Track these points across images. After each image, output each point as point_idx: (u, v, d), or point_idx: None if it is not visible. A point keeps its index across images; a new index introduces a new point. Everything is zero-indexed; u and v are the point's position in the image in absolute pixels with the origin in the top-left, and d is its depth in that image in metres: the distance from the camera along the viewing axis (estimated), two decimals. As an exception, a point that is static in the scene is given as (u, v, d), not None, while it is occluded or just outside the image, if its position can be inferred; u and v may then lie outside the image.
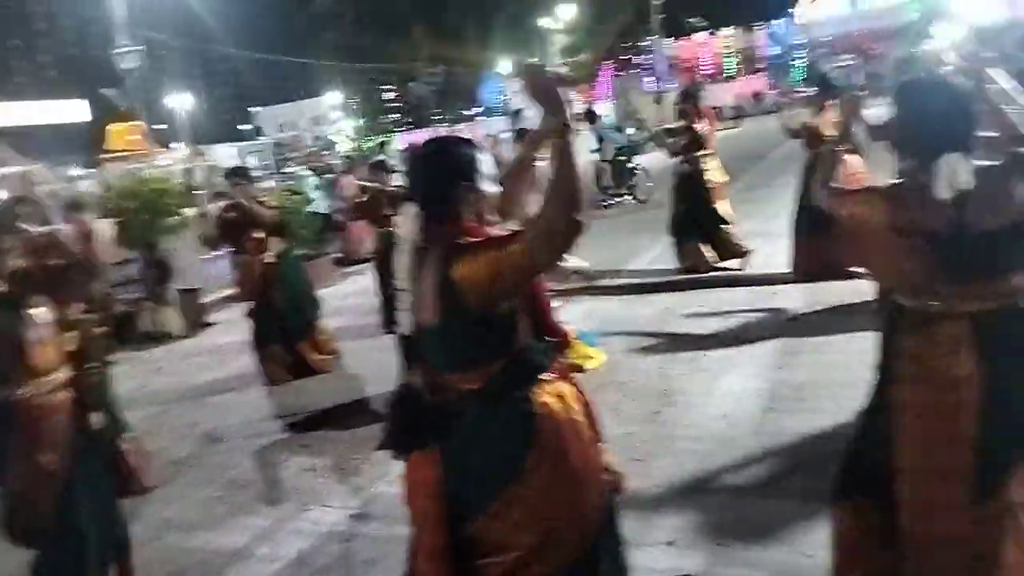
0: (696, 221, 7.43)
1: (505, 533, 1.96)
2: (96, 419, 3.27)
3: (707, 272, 7.38)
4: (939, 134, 2.08)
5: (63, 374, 3.09)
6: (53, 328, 3.07)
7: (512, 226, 1.96)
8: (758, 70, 41.27)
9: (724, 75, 41.80)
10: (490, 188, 2.02)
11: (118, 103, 13.05)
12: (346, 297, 9.17)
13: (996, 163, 2.08)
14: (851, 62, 36.01)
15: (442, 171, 1.99)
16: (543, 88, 1.78)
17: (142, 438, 4.93)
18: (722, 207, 7.44)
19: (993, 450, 2.10)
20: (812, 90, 7.09)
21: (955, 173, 2.02)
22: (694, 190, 7.40)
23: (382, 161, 8.38)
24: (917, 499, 2.19)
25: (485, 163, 2.01)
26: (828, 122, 6.22)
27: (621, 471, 2.22)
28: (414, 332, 2.01)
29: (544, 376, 2.01)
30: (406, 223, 2.02)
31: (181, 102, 27.31)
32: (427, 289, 1.93)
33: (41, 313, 3.03)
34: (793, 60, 41.02)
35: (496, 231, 1.96)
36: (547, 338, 2.08)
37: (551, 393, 2.00)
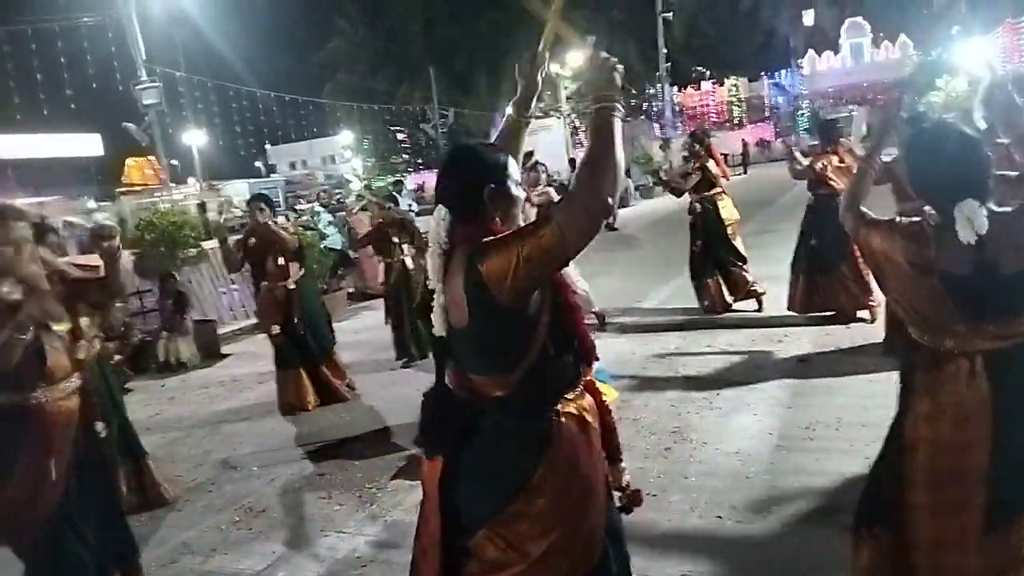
0: (713, 259, 7.61)
1: (505, 549, 1.97)
2: (100, 427, 3.40)
3: (724, 312, 7.53)
4: (955, 179, 2.14)
5: (75, 382, 3.18)
6: (68, 337, 3.17)
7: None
8: (764, 119, 41.92)
9: (730, 123, 42.38)
10: (517, 191, 2.05)
11: (139, 138, 13.12)
12: (359, 332, 9.25)
13: (1017, 207, 2.14)
14: (854, 112, 36.53)
15: (469, 172, 2.01)
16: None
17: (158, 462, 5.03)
18: (738, 244, 7.63)
19: (1004, 485, 2.17)
20: (815, 141, 7.29)
21: (973, 217, 2.08)
22: (710, 227, 7.60)
23: (392, 195, 8.69)
24: (929, 534, 2.25)
25: (512, 167, 2.06)
26: (833, 165, 6.44)
27: (637, 489, 2.27)
28: (446, 334, 2.02)
29: (569, 390, 2.03)
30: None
31: (195, 139, 27.66)
32: (455, 289, 1.92)
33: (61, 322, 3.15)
34: (798, 110, 41.75)
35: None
36: (578, 347, 2.12)
37: (572, 408, 2.02)
